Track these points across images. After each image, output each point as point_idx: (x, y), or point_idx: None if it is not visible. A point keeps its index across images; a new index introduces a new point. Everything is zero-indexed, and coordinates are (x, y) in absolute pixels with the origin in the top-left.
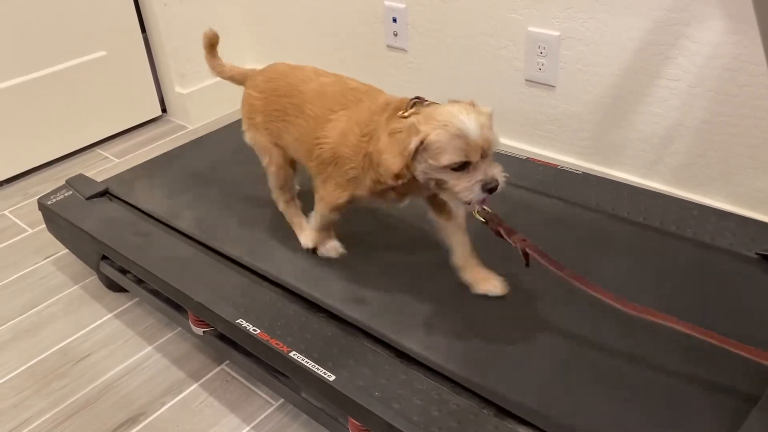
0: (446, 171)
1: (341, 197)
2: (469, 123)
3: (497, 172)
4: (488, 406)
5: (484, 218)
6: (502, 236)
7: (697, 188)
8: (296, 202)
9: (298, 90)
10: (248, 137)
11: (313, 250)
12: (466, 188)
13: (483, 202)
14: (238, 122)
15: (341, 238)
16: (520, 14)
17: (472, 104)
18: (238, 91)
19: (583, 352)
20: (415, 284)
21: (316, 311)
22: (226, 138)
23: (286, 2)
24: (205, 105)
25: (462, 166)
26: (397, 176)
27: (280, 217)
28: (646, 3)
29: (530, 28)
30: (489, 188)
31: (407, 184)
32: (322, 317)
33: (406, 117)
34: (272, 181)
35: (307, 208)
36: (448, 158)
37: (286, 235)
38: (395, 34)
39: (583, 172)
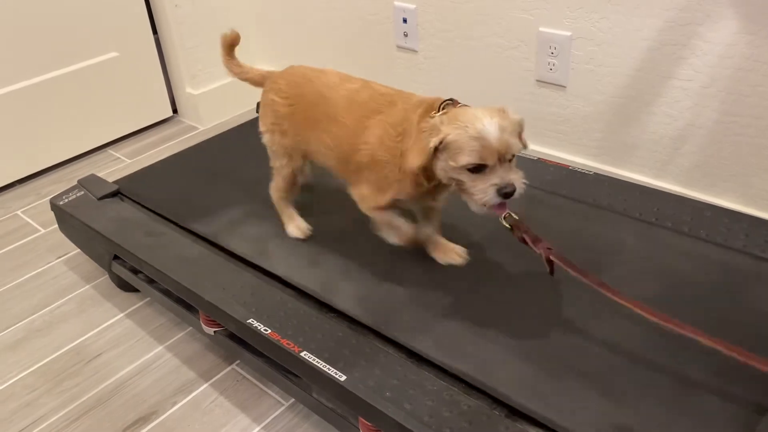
0: (464, 172)
1: (382, 200)
2: (489, 126)
3: (515, 178)
4: (499, 406)
5: (509, 225)
6: (527, 243)
7: (710, 189)
8: (291, 196)
9: (326, 97)
10: (267, 139)
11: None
12: (481, 190)
13: (501, 207)
14: (249, 123)
15: (348, 237)
16: (531, 14)
17: (503, 110)
18: (248, 92)
19: (596, 354)
20: (427, 285)
21: (327, 311)
22: (236, 139)
23: (296, 4)
24: (216, 106)
25: (479, 168)
26: (416, 173)
27: None
28: (658, 3)
29: (541, 29)
30: (504, 193)
31: (439, 183)
32: (333, 317)
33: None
34: (282, 181)
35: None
36: (464, 159)
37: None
38: (405, 35)
39: (594, 173)
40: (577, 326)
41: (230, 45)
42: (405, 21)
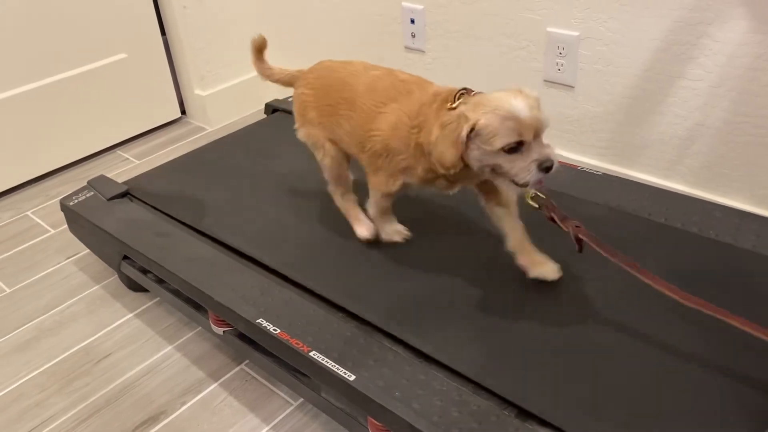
0: (500, 154)
1: (393, 185)
2: (518, 104)
3: (550, 152)
4: (509, 407)
5: (537, 204)
6: (555, 222)
7: (720, 189)
8: (352, 195)
9: (349, 84)
10: (301, 134)
11: (376, 241)
12: (522, 169)
13: (539, 183)
14: (257, 124)
15: (354, 235)
16: (539, 14)
17: (520, 90)
18: (256, 93)
19: (607, 353)
20: (436, 284)
21: (336, 311)
22: (244, 139)
23: (304, 5)
24: (224, 107)
25: (515, 148)
26: (452, 167)
27: (301, 216)
28: (667, 2)
29: (549, 29)
30: (545, 167)
31: (459, 172)
32: (341, 317)
33: (454, 108)
34: (327, 174)
35: (362, 200)
36: (502, 140)
37: (306, 234)
38: (413, 36)
39: (603, 173)
40: (588, 328)
41: (258, 49)
42: (413, 22)
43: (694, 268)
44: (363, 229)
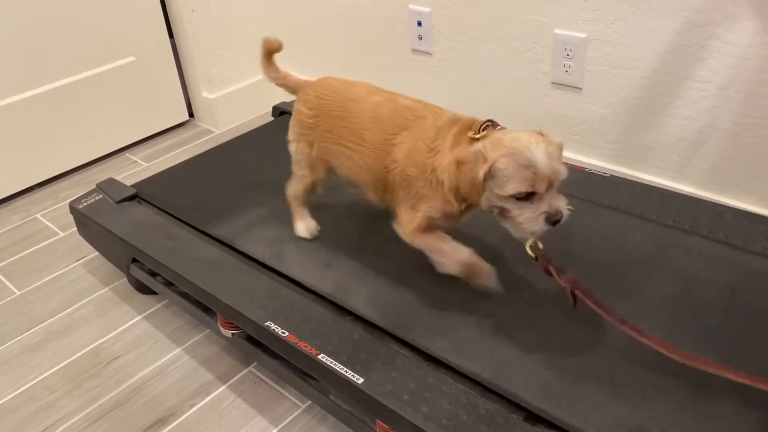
0: (510, 200)
1: (415, 219)
2: (538, 153)
3: (562, 205)
4: (518, 410)
5: (534, 255)
6: (551, 274)
7: (729, 191)
8: (305, 206)
9: (351, 112)
10: (293, 148)
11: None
12: (529, 219)
13: (545, 234)
14: (264, 126)
15: (365, 240)
16: (546, 17)
17: (542, 133)
18: (264, 95)
19: (615, 357)
20: (444, 287)
21: (344, 314)
22: (252, 142)
23: (311, 7)
24: (232, 109)
25: (527, 197)
26: (468, 206)
27: None
28: (675, 4)
29: (557, 31)
30: (553, 221)
31: (468, 207)
32: (350, 320)
33: (476, 139)
34: (298, 188)
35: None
36: (514, 188)
37: (315, 239)
38: (420, 38)
39: (611, 175)
40: (596, 330)
41: (269, 51)
42: (420, 24)
43: (703, 271)
44: (303, 228)
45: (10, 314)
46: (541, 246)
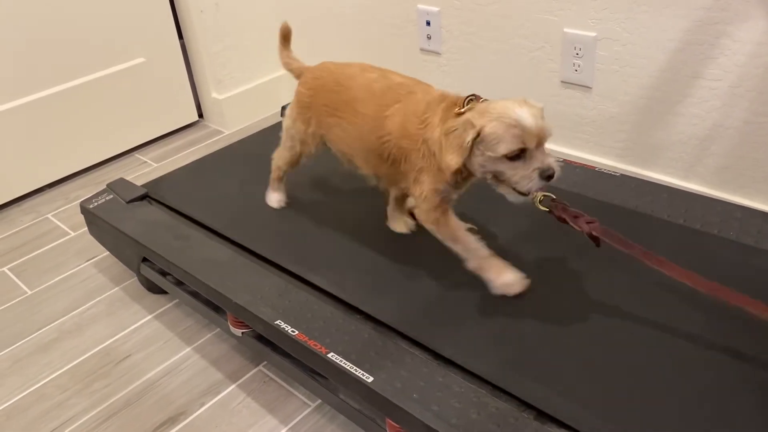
0: (503, 161)
1: (425, 195)
2: (523, 113)
3: (552, 161)
4: (528, 409)
5: (547, 207)
6: (567, 222)
7: (740, 190)
8: (283, 181)
9: (344, 86)
10: (287, 123)
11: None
12: (524, 177)
13: (540, 191)
14: (274, 126)
15: (375, 239)
16: (555, 15)
17: (524, 100)
18: (273, 96)
19: (624, 355)
20: (453, 286)
21: (353, 313)
22: (261, 142)
23: (320, 7)
24: (241, 110)
25: (518, 156)
26: (456, 171)
27: (318, 218)
28: (685, 2)
29: (566, 29)
30: (546, 175)
31: (463, 178)
32: (359, 319)
33: (462, 113)
34: (286, 158)
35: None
36: (506, 147)
37: (324, 236)
38: (429, 38)
39: (621, 174)
40: (606, 329)
41: (284, 36)
42: (428, 24)
43: (714, 270)
44: (274, 199)
45: (22, 314)
46: (552, 197)
